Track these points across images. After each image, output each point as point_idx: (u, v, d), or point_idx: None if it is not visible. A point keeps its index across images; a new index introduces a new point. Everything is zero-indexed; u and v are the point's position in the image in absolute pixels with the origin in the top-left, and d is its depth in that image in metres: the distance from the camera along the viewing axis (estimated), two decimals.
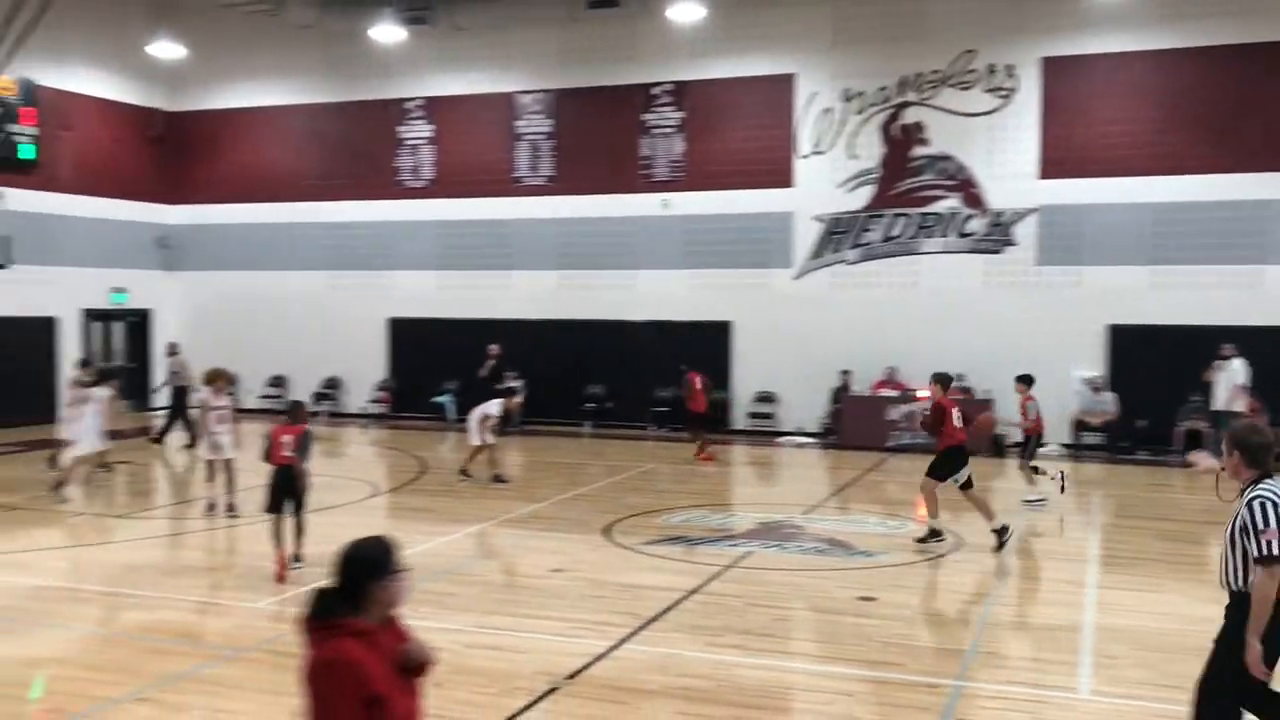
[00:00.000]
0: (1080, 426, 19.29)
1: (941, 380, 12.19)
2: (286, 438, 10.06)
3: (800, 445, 20.45)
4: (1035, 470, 14.36)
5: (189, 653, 7.92)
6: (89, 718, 6.63)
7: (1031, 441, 14.53)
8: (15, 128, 21.84)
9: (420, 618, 8.76)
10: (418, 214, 23.91)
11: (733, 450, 20.27)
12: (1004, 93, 20.11)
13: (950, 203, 20.50)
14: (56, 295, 22.65)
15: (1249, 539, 4.91)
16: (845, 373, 20.61)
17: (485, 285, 23.48)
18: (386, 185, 24.15)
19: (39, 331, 22.06)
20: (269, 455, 10.11)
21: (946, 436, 11.75)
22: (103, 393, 14.85)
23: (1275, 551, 4.83)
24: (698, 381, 18.40)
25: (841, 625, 8.77)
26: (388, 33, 22.13)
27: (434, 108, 23.84)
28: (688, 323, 21.91)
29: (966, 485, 11.66)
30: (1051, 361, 18.68)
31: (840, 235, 21.17)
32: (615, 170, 22.51)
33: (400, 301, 24.14)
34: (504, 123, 23.32)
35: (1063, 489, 14.41)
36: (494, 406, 15.45)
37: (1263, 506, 4.91)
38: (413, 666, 3.49)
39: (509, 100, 23.26)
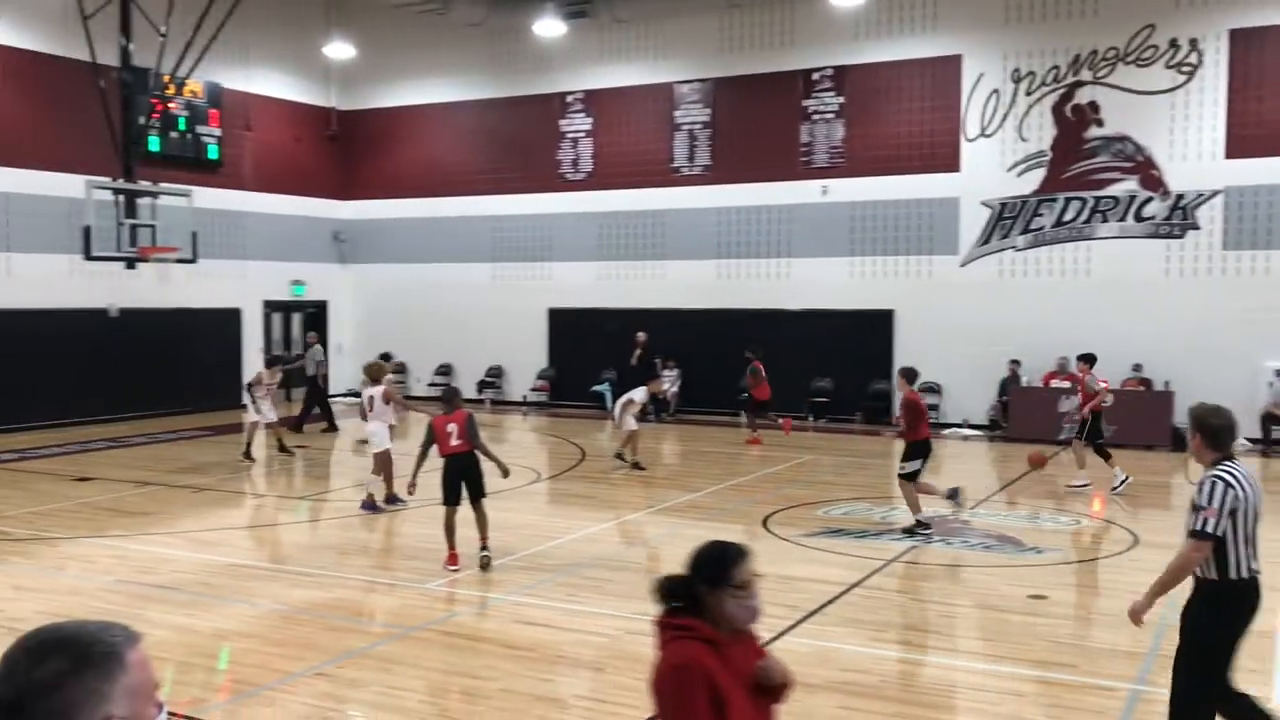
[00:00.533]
0: (1271, 420, 18.15)
1: (908, 375, 12.05)
2: (451, 426, 9.93)
3: (966, 438, 19.89)
4: (1106, 456, 14.38)
5: (362, 630, 8.23)
6: (271, 690, 6.96)
7: (1089, 423, 14.53)
8: (203, 129, 23.12)
9: (580, 603, 8.91)
10: (577, 206, 24.24)
11: (895, 442, 19.85)
12: (1187, 68, 19.05)
13: (1127, 185, 19.57)
14: (240, 288, 23.90)
15: (1191, 513, 5.12)
16: (1014, 363, 19.93)
17: (642, 275, 23.65)
18: (547, 178, 24.57)
19: (225, 322, 23.30)
20: (434, 445, 10.01)
21: (916, 431, 11.68)
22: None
23: (1209, 529, 5.02)
24: (763, 370, 18.66)
25: (1010, 623, 8.49)
26: (550, 27, 22.52)
27: (593, 100, 24.11)
28: (847, 311, 21.57)
29: (911, 476, 11.66)
30: (1238, 352, 17.65)
31: (1009, 220, 20.46)
32: (773, 158, 22.31)
33: (559, 292, 24.54)
34: (662, 113, 23.41)
35: (1119, 487, 13.99)
36: (639, 393, 15.73)
37: (1211, 485, 5.06)
38: (770, 687, 3.20)
39: (667, 90, 23.33)
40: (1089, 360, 14.81)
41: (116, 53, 17.74)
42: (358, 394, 19.38)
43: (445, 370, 25.61)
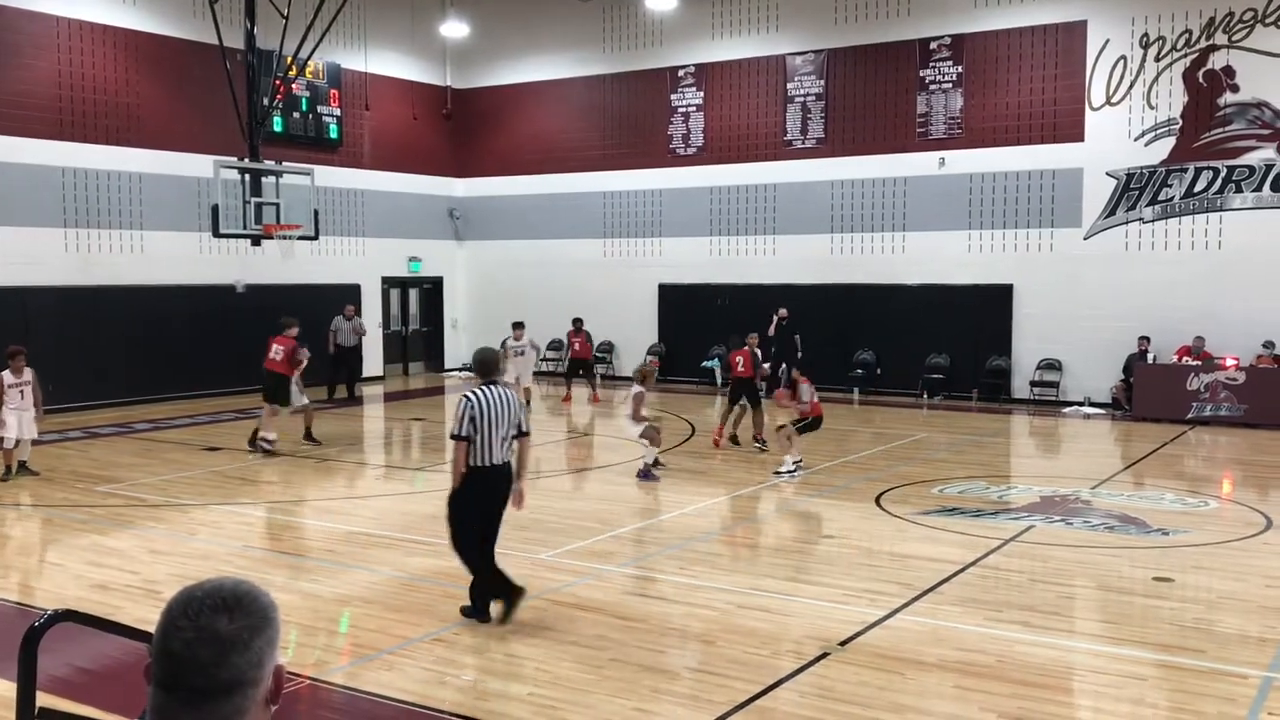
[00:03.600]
0: None
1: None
2: (739, 358, 14.66)
3: (1088, 416, 19.31)
4: None
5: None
6: (390, 655, 7.16)
7: None
8: (324, 109, 23.72)
9: (691, 576, 8.94)
10: (688, 181, 24.17)
11: (1013, 420, 19.41)
12: None
13: (1263, 154, 18.66)
14: (360, 264, 24.50)
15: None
16: (1143, 339, 19.24)
17: (753, 250, 23.49)
18: (658, 153, 24.55)
19: (346, 298, 23.88)
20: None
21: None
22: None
23: (457, 431, 7.38)
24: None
25: (1133, 606, 8.23)
26: (661, 1, 22.45)
27: (705, 74, 23.98)
28: (965, 286, 21.09)
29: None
30: None
31: (1136, 192, 19.72)
32: (889, 130, 21.90)
33: (670, 268, 24.53)
34: (774, 86, 23.15)
35: None
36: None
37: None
38: None
39: (780, 63, 23.06)
40: None
41: (242, 36, 18.26)
42: (469, 368, 19.77)
43: (557, 346, 25.86)
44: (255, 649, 1.71)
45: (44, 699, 4.67)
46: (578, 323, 22.07)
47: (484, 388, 7.54)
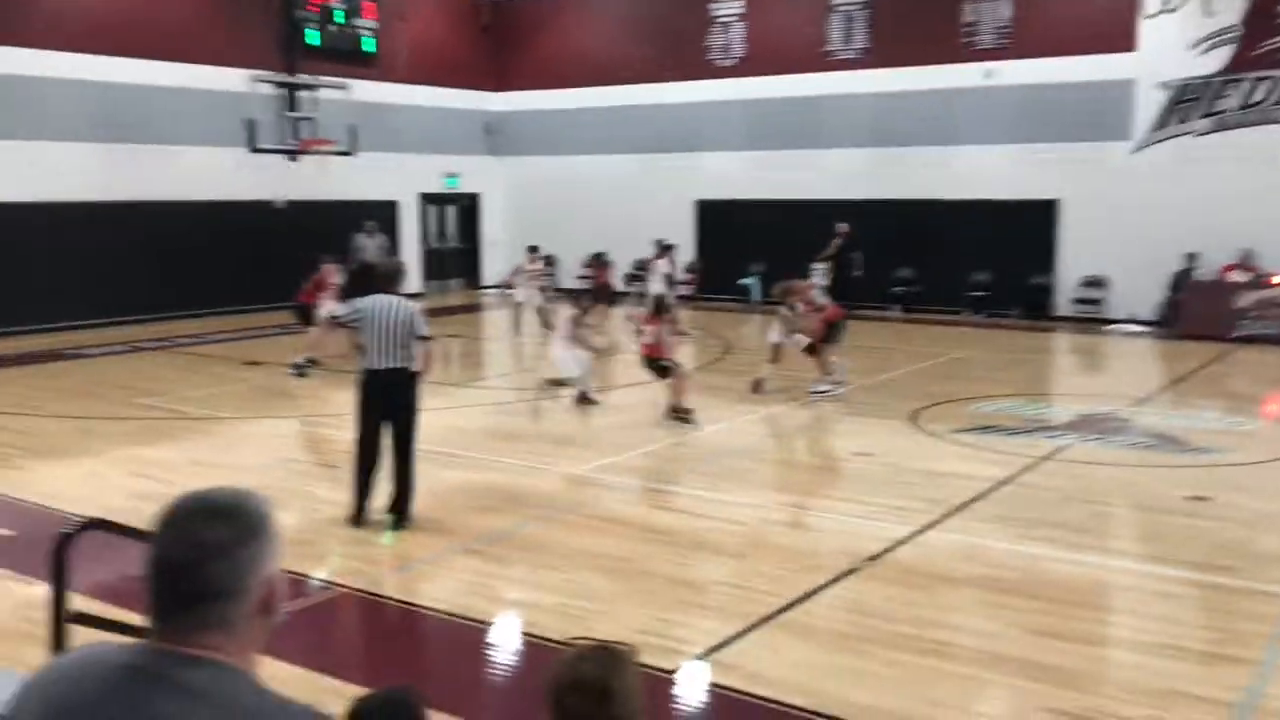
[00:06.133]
0: None
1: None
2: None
3: (1131, 334, 19.03)
4: None
5: (511, 512, 8.48)
6: (429, 564, 7.29)
7: None
8: (360, 21, 23.42)
9: (722, 492, 8.98)
10: (727, 94, 23.75)
11: (1054, 338, 19.18)
12: None
13: None
14: (397, 180, 24.42)
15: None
16: (1191, 255, 18.83)
17: (794, 165, 23.12)
18: (698, 65, 24.11)
19: (383, 214, 23.88)
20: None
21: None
22: None
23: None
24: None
25: (1168, 525, 8.17)
26: None
27: None
28: (1009, 202, 20.68)
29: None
30: None
31: (1189, 104, 19.14)
32: (934, 40, 21.32)
33: (708, 183, 24.24)
34: None
35: None
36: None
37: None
38: None
39: None
40: None
41: None
42: (509, 287, 19.79)
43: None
44: (239, 558, 1.72)
45: (83, 603, 4.80)
46: (599, 257, 22.02)
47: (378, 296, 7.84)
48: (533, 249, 19.75)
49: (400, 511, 7.90)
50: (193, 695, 1.65)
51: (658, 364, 11.56)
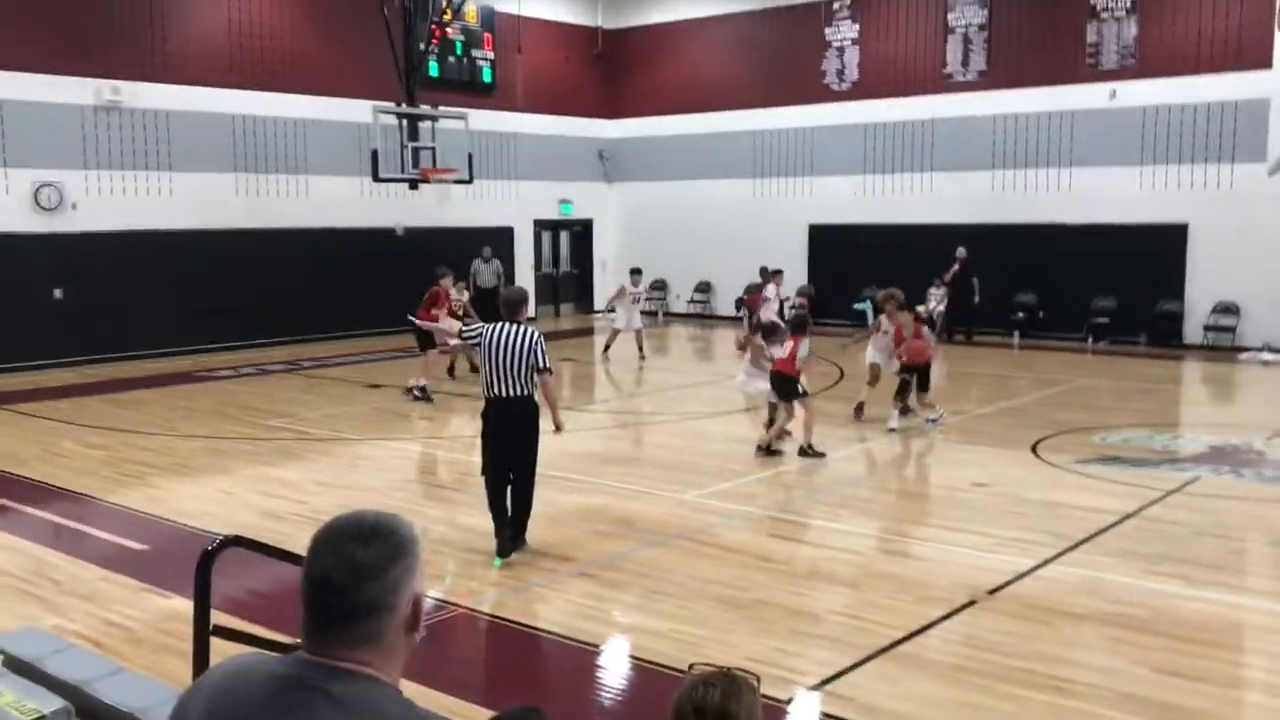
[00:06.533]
0: None
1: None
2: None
3: (1267, 363, 18.25)
4: None
5: (624, 536, 8.54)
6: (540, 587, 7.37)
7: None
8: (478, 53, 24.04)
9: (839, 521, 8.89)
10: (841, 118, 23.62)
11: (1183, 366, 18.51)
12: None
13: None
14: (513, 207, 24.90)
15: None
16: None
17: (907, 189, 22.86)
18: (811, 89, 24.04)
19: (499, 240, 24.34)
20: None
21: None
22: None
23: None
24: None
25: None
26: None
27: (860, 6, 23.30)
28: (1135, 226, 20.06)
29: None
30: None
31: None
32: (1055, 60, 20.88)
33: (821, 207, 24.10)
34: (934, 16, 22.33)
35: None
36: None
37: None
38: None
39: None
40: None
41: None
42: (611, 310, 19.96)
43: (704, 288, 25.84)
44: (390, 577, 1.81)
45: (218, 617, 4.99)
46: (763, 279, 20.70)
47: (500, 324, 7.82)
48: (635, 271, 19.84)
49: (517, 535, 8.00)
50: (344, 707, 1.74)
51: (787, 383, 11.41)
